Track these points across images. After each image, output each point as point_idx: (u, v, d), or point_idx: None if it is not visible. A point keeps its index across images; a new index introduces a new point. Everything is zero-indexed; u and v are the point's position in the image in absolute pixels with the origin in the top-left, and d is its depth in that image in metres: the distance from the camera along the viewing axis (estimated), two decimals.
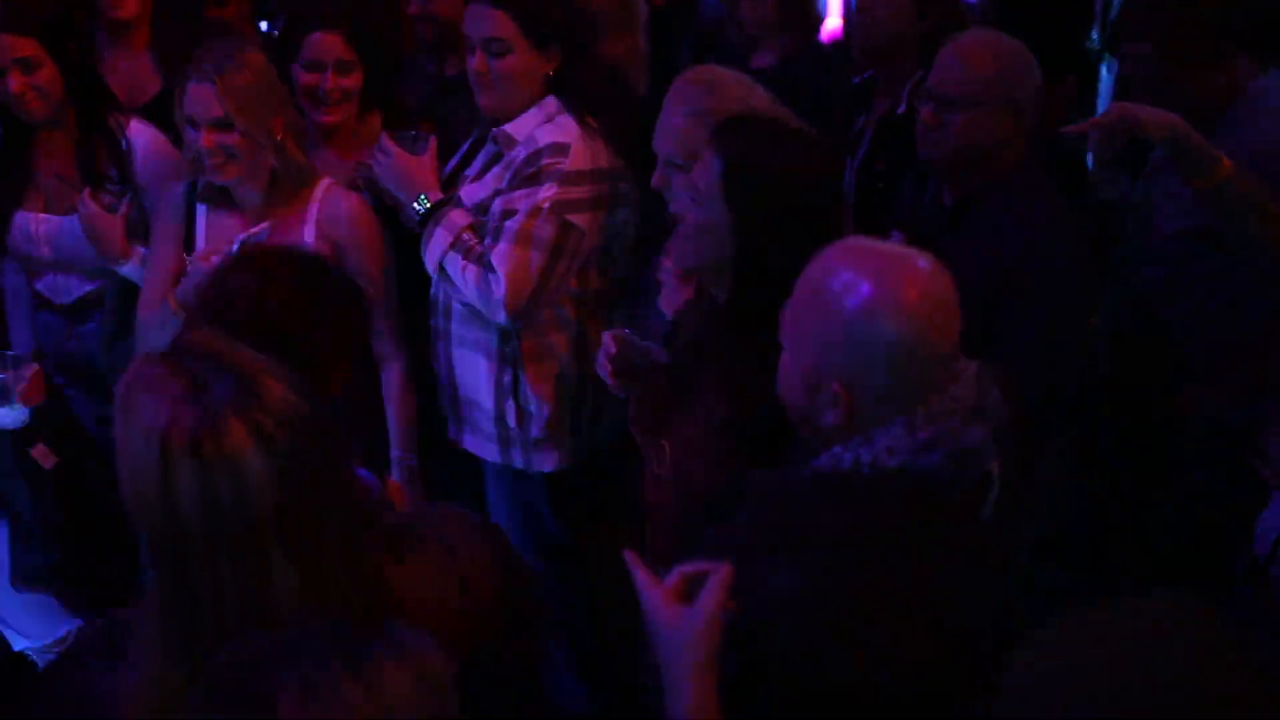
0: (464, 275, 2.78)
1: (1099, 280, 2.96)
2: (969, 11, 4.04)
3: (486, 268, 2.75)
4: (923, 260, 1.67)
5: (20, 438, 2.70)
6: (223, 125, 2.69)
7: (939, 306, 1.63)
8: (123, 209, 2.96)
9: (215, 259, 2.59)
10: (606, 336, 2.50)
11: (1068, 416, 2.73)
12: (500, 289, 2.74)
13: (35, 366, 2.68)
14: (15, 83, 2.95)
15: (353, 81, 3.09)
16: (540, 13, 2.79)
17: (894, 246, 1.75)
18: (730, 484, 1.86)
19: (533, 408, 2.93)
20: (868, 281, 1.61)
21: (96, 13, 3.38)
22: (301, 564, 1.39)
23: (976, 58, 2.66)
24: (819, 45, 4.10)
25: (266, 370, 1.43)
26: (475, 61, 2.80)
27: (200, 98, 2.69)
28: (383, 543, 1.54)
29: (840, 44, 4.28)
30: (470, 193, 2.92)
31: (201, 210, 2.88)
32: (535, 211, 2.74)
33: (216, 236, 2.84)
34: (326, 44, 3.05)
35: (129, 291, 3.00)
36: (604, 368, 2.49)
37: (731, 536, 1.74)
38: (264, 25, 4.21)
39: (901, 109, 3.35)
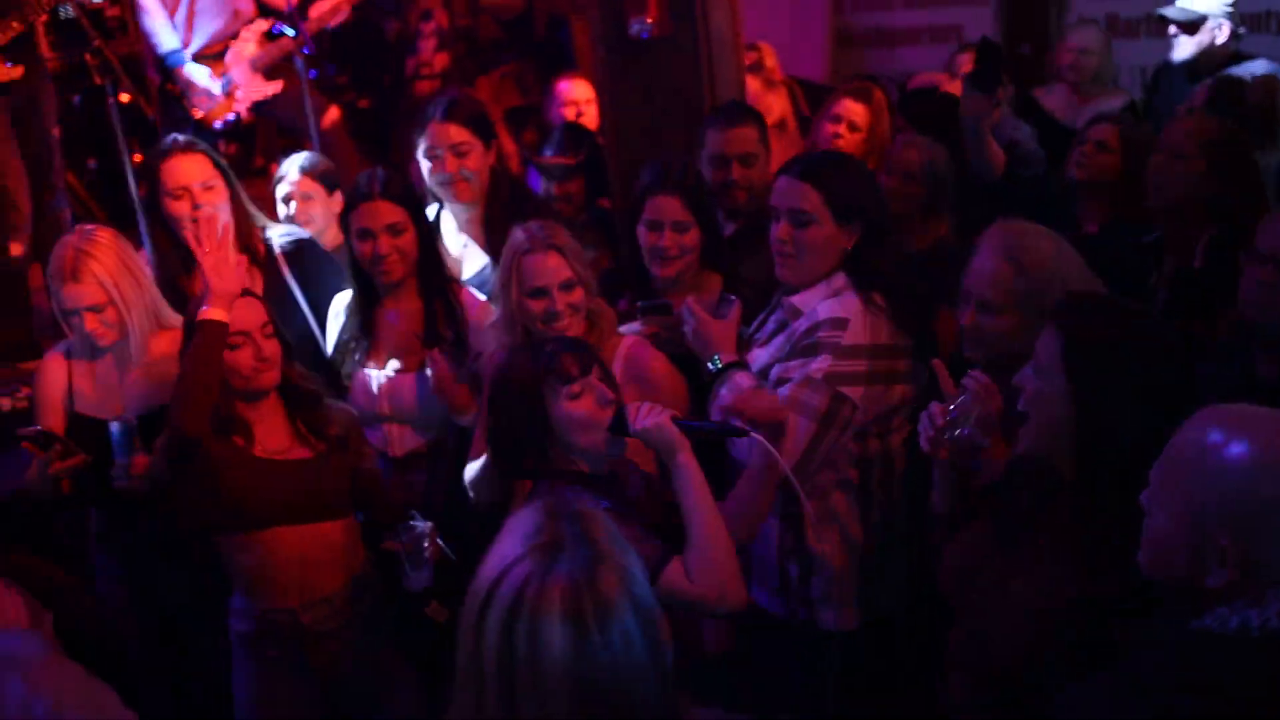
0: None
1: None
2: None
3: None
4: None
5: (416, 598, 2.99)
6: (571, 285, 2.98)
7: None
8: (466, 367, 3.25)
9: None
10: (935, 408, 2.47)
11: None
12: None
13: (431, 524, 2.98)
14: (385, 244, 3.32)
15: (690, 239, 3.32)
16: (846, 188, 2.92)
17: (1268, 410, 1.80)
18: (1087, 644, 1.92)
19: (815, 567, 3.01)
20: (1256, 441, 1.71)
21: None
22: None
23: None
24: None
25: (614, 560, 1.55)
26: (779, 230, 2.94)
27: (548, 265, 2.97)
28: None
29: None
30: (757, 357, 3.07)
31: None
32: (807, 381, 2.84)
33: None
34: (665, 205, 3.31)
35: (466, 444, 3.27)
36: (933, 434, 2.45)
37: (1099, 694, 1.80)
38: None
39: (1197, 264, 3.35)
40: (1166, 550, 1.78)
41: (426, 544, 2.94)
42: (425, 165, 3.69)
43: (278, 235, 3.79)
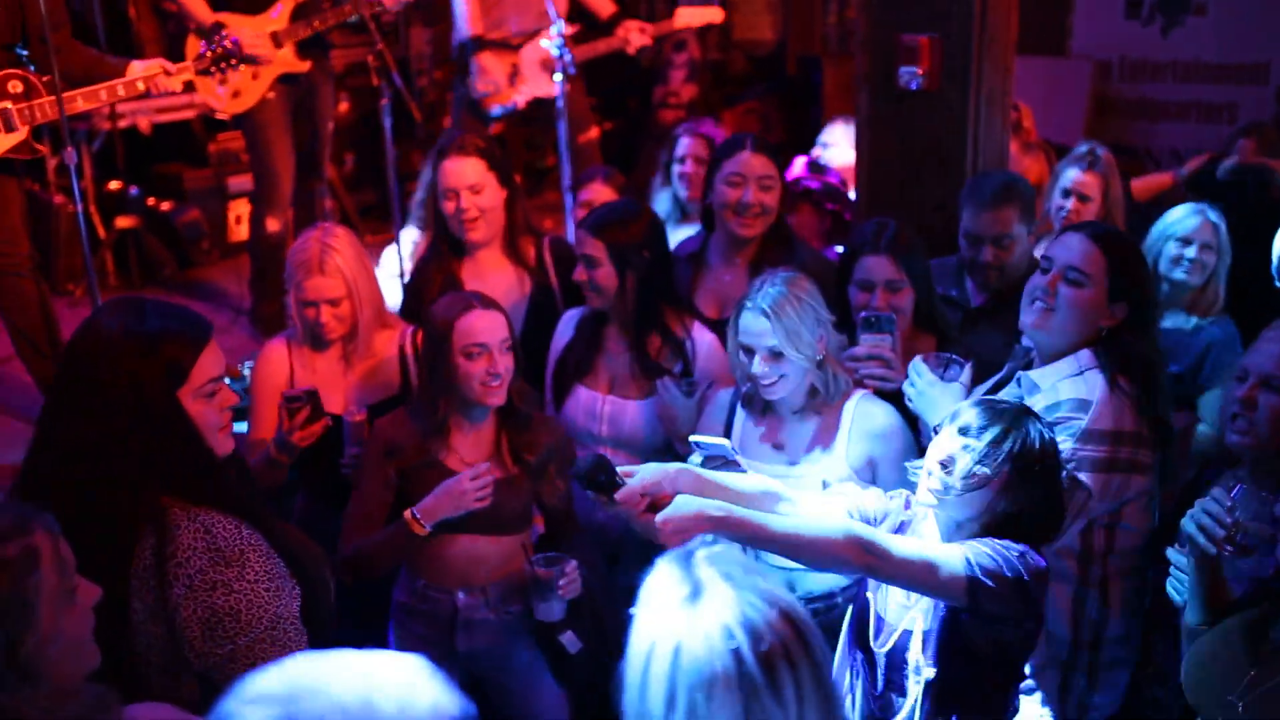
0: None
1: None
2: None
3: None
4: None
5: (551, 625, 3.03)
6: (776, 354, 2.90)
7: None
8: (695, 398, 3.25)
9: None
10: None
11: None
12: None
13: (574, 563, 2.99)
14: (580, 273, 3.38)
15: (901, 299, 3.28)
16: (1129, 266, 2.81)
17: None
18: None
19: None
20: None
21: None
22: None
23: None
24: None
25: (767, 593, 1.49)
26: (1048, 281, 2.81)
27: (755, 329, 2.92)
28: None
29: None
30: None
31: (740, 413, 3.13)
32: None
33: (750, 438, 3.09)
34: (877, 265, 3.28)
35: None
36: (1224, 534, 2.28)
37: None
38: None
39: None
40: None
41: (563, 582, 2.95)
42: (722, 189, 3.63)
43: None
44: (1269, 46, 6.65)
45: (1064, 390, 2.76)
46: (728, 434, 3.12)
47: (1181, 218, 3.98)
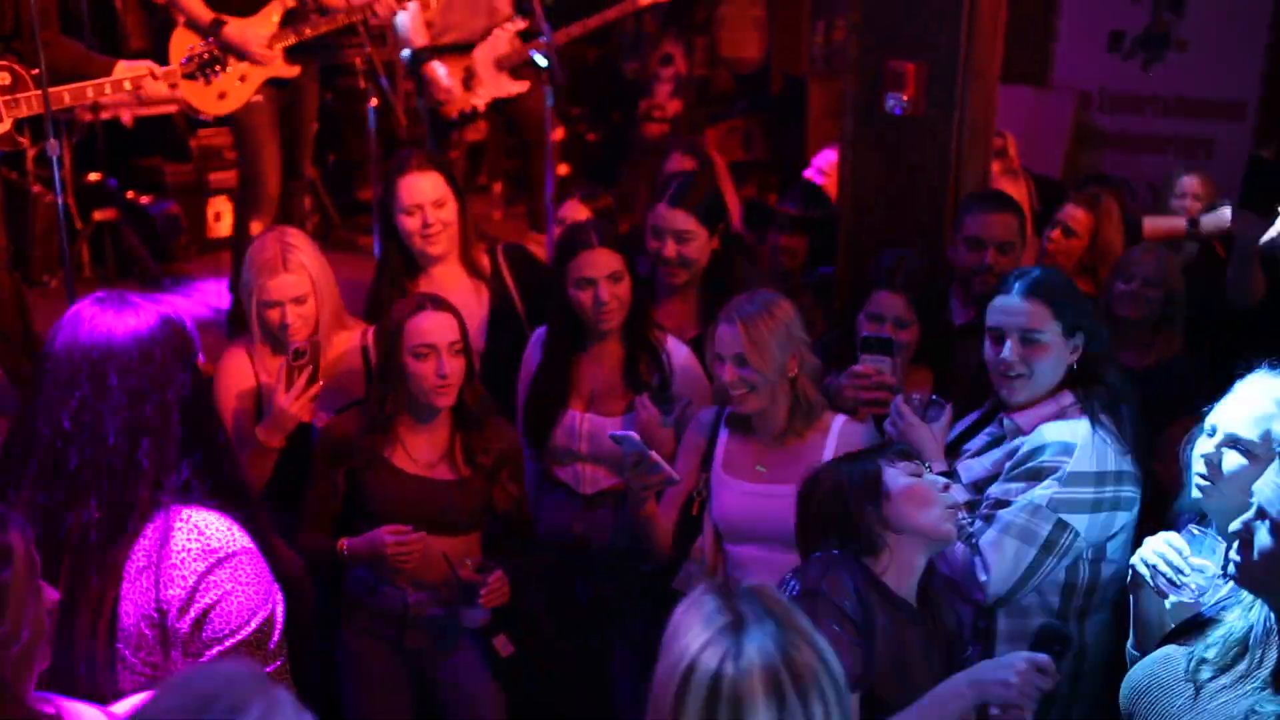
0: (951, 549, 2.78)
1: None
2: None
3: (973, 549, 2.78)
4: None
5: (485, 629, 3.11)
6: (741, 361, 2.95)
7: None
8: (675, 414, 3.26)
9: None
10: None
11: None
12: (985, 575, 2.75)
13: (499, 572, 3.03)
14: (605, 292, 3.32)
15: (906, 335, 3.37)
16: (1071, 300, 2.89)
17: None
18: None
19: None
20: None
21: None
22: None
23: None
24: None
25: (802, 631, 1.53)
26: (1010, 352, 2.86)
27: (725, 337, 2.99)
28: None
29: None
30: (969, 468, 2.97)
31: (724, 434, 3.14)
32: (1032, 508, 2.74)
33: (732, 459, 3.11)
34: (890, 303, 3.37)
35: None
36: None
37: None
38: None
39: None
40: None
41: (484, 590, 2.99)
42: (648, 238, 3.63)
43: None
44: (1247, 85, 6.74)
45: (1048, 433, 2.80)
46: (710, 454, 3.15)
47: (1130, 253, 4.05)
